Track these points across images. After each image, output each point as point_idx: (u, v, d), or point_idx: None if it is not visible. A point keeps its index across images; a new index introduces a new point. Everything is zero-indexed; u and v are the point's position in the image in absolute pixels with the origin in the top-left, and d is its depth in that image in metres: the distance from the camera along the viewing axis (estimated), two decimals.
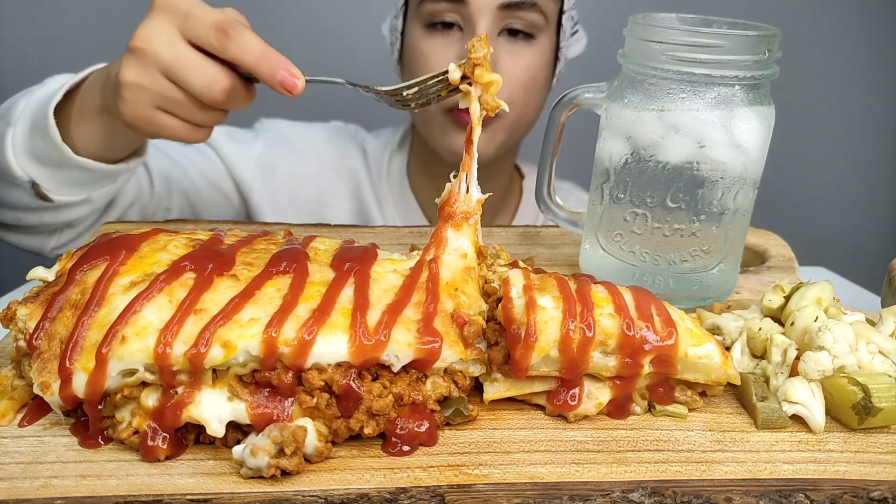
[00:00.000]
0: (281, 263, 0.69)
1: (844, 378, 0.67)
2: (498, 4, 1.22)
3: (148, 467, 0.60)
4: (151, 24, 0.87)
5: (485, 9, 1.22)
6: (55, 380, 0.61)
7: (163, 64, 0.86)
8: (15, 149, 1.01)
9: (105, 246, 0.70)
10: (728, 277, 0.91)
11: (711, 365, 0.68)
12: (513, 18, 1.24)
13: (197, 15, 0.86)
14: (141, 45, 0.86)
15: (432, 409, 0.65)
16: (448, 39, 1.27)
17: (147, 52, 0.86)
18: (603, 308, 0.67)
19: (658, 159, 0.84)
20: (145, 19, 0.88)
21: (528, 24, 1.26)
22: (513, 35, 1.27)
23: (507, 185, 1.52)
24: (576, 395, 0.67)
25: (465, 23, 1.25)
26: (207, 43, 0.85)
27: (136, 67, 0.87)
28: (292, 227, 1.06)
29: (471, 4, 1.22)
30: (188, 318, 0.62)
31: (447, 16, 1.25)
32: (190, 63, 0.85)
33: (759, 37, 0.80)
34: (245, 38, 0.84)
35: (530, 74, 1.29)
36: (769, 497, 0.60)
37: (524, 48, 1.28)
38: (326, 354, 0.61)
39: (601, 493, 0.59)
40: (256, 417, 0.61)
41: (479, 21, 1.22)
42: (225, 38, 0.84)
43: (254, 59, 0.84)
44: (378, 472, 0.61)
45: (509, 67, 1.26)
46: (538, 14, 1.26)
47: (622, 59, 0.86)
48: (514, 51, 1.27)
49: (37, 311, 0.66)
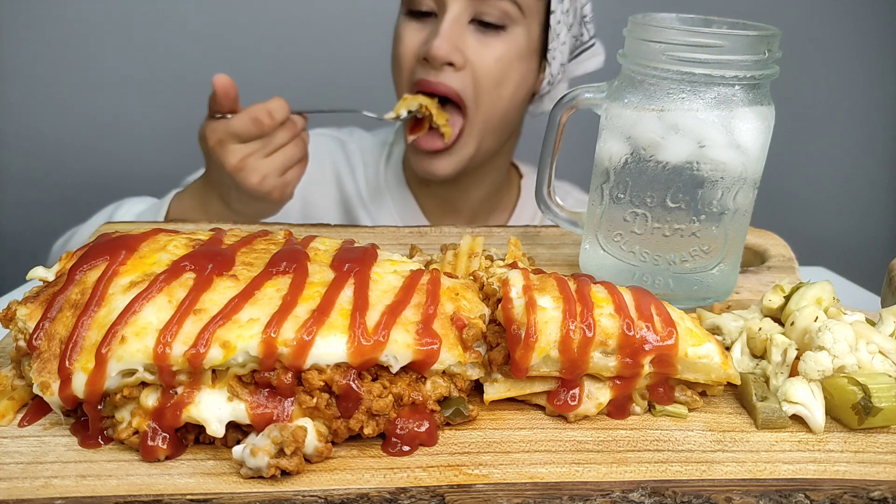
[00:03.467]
0: (281, 264, 0.68)
1: (844, 378, 0.67)
2: None
3: (148, 467, 0.60)
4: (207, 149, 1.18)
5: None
6: (55, 380, 0.61)
7: (235, 132, 1.14)
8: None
9: (105, 246, 0.70)
10: (728, 277, 0.91)
11: (711, 365, 0.68)
12: (485, 7, 1.25)
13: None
14: (210, 140, 1.16)
15: (432, 409, 0.65)
16: (423, 25, 1.30)
17: (218, 138, 1.15)
18: (603, 308, 0.67)
19: (658, 159, 0.84)
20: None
21: (501, 15, 1.26)
22: (484, 26, 1.27)
23: (502, 183, 1.52)
24: (576, 395, 0.67)
25: (440, 10, 1.27)
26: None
27: (223, 153, 1.15)
28: (292, 227, 1.06)
29: None
30: (188, 318, 0.62)
31: (425, 3, 1.28)
32: (250, 115, 1.14)
33: (759, 37, 0.80)
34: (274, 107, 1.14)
35: (500, 66, 1.29)
36: (769, 497, 0.60)
37: (494, 38, 1.28)
38: (325, 355, 0.61)
39: (601, 493, 0.59)
40: (256, 417, 0.61)
41: (451, 5, 1.24)
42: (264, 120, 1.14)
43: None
44: (378, 472, 0.61)
45: (476, 55, 1.27)
46: (511, 3, 1.26)
47: (622, 59, 0.86)
48: (483, 40, 1.27)
49: (37, 311, 0.66)
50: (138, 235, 0.72)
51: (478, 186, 1.47)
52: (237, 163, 1.15)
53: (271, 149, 1.17)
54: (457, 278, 0.75)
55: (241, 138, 1.15)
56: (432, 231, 1.09)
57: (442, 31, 1.24)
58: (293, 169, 1.21)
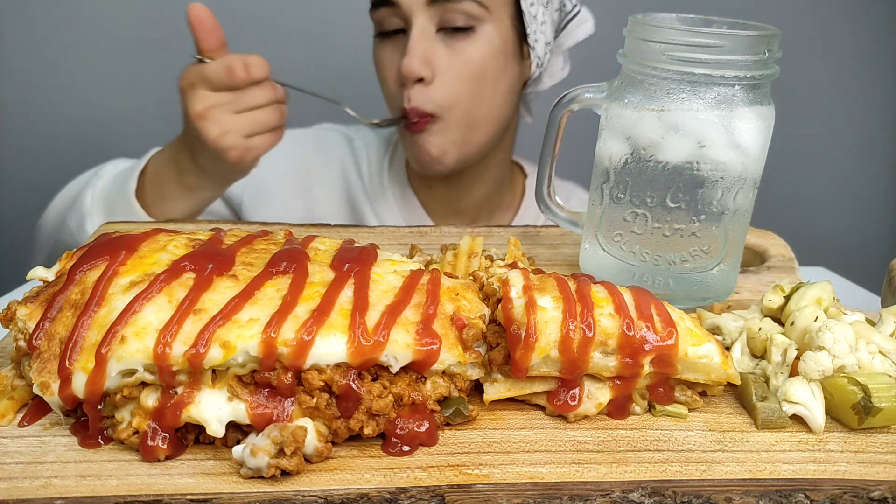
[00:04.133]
0: (281, 264, 0.68)
1: (844, 378, 0.67)
2: (426, 0, 1.23)
3: (148, 467, 0.60)
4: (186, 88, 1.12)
5: (415, 6, 1.23)
6: (55, 380, 0.61)
7: (207, 77, 1.09)
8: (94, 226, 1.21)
9: (105, 246, 0.70)
10: (728, 277, 0.91)
11: (711, 365, 0.68)
12: (448, 13, 1.24)
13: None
14: (182, 82, 1.10)
15: (432, 409, 0.65)
16: (395, 45, 1.29)
17: (190, 81, 1.10)
18: (603, 308, 0.67)
19: (658, 159, 0.84)
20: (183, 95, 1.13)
21: (466, 17, 1.25)
22: (454, 32, 1.26)
23: (504, 181, 1.52)
24: (576, 395, 0.67)
25: (406, 26, 1.26)
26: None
27: (191, 97, 1.10)
28: (292, 227, 1.06)
29: (402, 5, 1.24)
30: (188, 318, 0.62)
31: (391, 22, 1.27)
32: (225, 63, 1.09)
33: (759, 37, 0.80)
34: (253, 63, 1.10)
35: (473, 68, 1.28)
36: (769, 497, 0.60)
37: (463, 41, 1.27)
38: (325, 355, 0.61)
39: (601, 493, 0.59)
40: (256, 417, 0.61)
41: (414, 20, 1.23)
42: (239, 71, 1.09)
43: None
44: (378, 472, 0.61)
45: (447, 64, 1.26)
46: (473, 3, 1.24)
47: (622, 59, 0.86)
48: (452, 45, 1.26)
49: (37, 311, 0.66)
50: (138, 235, 0.72)
51: (479, 184, 1.47)
52: (201, 110, 1.09)
53: (242, 107, 1.11)
54: (457, 278, 0.75)
55: (211, 85, 1.09)
56: (432, 231, 1.09)
57: (409, 48, 1.23)
58: (263, 136, 1.14)
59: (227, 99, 1.10)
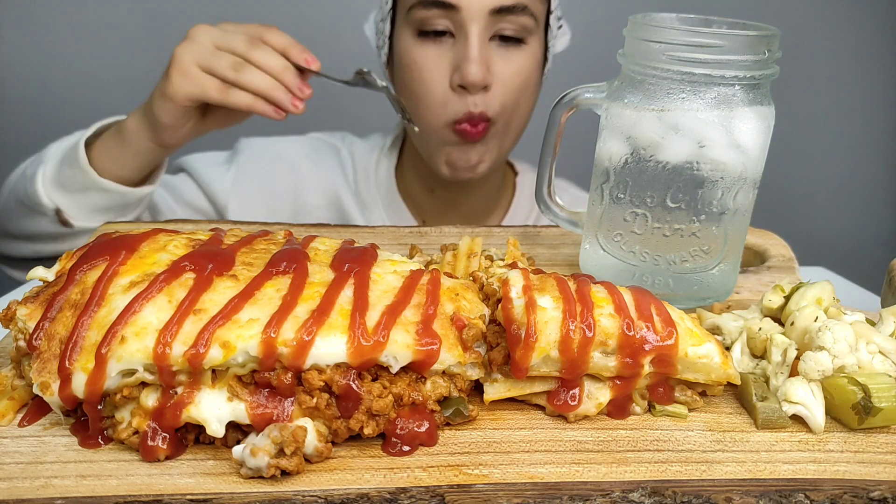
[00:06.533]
0: (281, 264, 0.68)
1: (844, 378, 0.67)
2: (490, 9, 1.21)
3: (148, 467, 0.60)
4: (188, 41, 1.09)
5: (477, 14, 1.21)
6: (55, 380, 0.61)
7: (211, 38, 1.08)
8: (45, 180, 1.17)
9: (105, 246, 0.70)
10: (728, 277, 0.91)
11: (711, 365, 0.68)
12: (504, 23, 1.23)
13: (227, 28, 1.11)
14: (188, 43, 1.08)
15: (432, 409, 0.65)
16: (441, 48, 1.25)
17: (195, 37, 1.08)
18: (603, 308, 0.67)
19: (658, 159, 0.84)
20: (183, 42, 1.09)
21: (519, 29, 1.25)
22: (504, 41, 1.26)
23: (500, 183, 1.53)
24: (576, 395, 0.67)
25: (458, 29, 1.23)
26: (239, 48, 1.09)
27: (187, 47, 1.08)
28: (292, 227, 1.06)
29: (463, 10, 1.20)
30: (187, 318, 0.62)
31: (438, 23, 1.23)
32: (231, 31, 1.09)
33: (759, 37, 0.80)
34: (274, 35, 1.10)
35: (522, 78, 1.28)
36: (769, 497, 0.60)
37: (516, 53, 1.27)
38: (325, 355, 0.61)
39: (601, 493, 0.59)
40: (256, 417, 0.61)
41: (471, 27, 1.21)
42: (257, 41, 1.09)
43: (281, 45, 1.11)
44: (378, 472, 0.61)
45: (502, 72, 1.25)
46: (528, 17, 1.25)
47: (622, 59, 0.86)
48: (506, 56, 1.26)
49: (37, 311, 0.66)
50: (138, 235, 0.72)
51: (482, 187, 1.47)
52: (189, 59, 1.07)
53: (236, 52, 1.08)
54: (457, 278, 0.75)
55: (222, 33, 1.09)
56: (432, 231, 1.09)
57: (472, 54, 1.20)
58: (245, 93, 1.08)
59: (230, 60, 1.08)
